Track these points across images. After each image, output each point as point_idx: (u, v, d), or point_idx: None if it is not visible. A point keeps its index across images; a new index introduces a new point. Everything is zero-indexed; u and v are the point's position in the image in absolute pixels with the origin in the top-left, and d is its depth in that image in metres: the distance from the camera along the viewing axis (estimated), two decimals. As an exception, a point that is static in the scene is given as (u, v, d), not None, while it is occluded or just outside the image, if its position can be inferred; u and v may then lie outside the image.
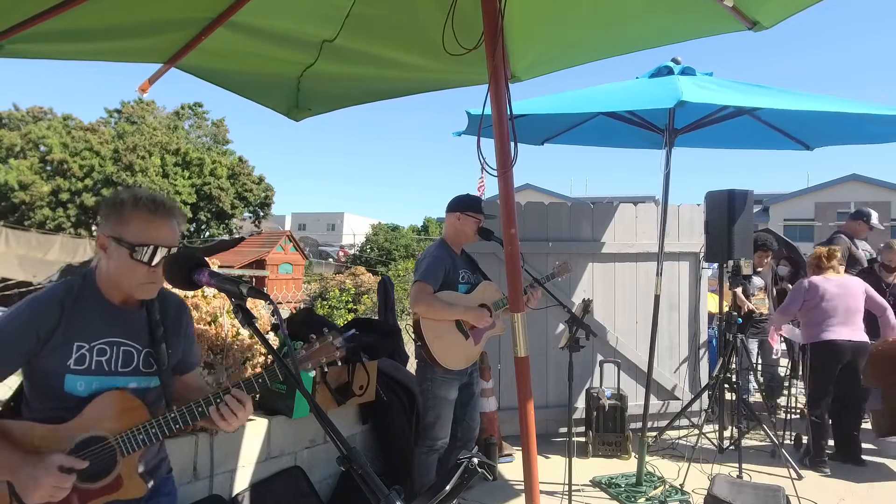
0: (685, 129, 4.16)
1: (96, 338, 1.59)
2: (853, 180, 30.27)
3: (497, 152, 2.12)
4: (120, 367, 1.63)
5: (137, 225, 1.57)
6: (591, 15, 2.44)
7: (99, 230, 1.63)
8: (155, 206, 1.60)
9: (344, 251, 27.79)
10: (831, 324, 4.44)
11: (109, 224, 1.59)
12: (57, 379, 1.55)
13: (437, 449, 3.22)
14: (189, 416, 1.58)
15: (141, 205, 1.58)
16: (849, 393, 4.47)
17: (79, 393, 1.56)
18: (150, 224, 1.58)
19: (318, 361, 1.67)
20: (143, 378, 1.67)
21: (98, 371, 1.59)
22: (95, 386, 1.58)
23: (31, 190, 22.92)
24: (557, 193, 35.50)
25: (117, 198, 1.63)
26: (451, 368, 3.16)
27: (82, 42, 2.29)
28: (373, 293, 9.84)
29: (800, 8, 2.11)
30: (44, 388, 1.57)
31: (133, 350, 1.65)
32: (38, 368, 1.56)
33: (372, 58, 2.70)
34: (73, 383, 1.56)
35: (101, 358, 1.59)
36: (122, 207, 1.59)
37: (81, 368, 1.57)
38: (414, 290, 3.15)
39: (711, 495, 3.31)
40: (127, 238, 1.55)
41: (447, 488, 1.58)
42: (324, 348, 1.67)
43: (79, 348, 1.56)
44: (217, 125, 31.10)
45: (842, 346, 4.40)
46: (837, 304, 4.46)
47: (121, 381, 1.62)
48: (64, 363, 1.55)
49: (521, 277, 2.21)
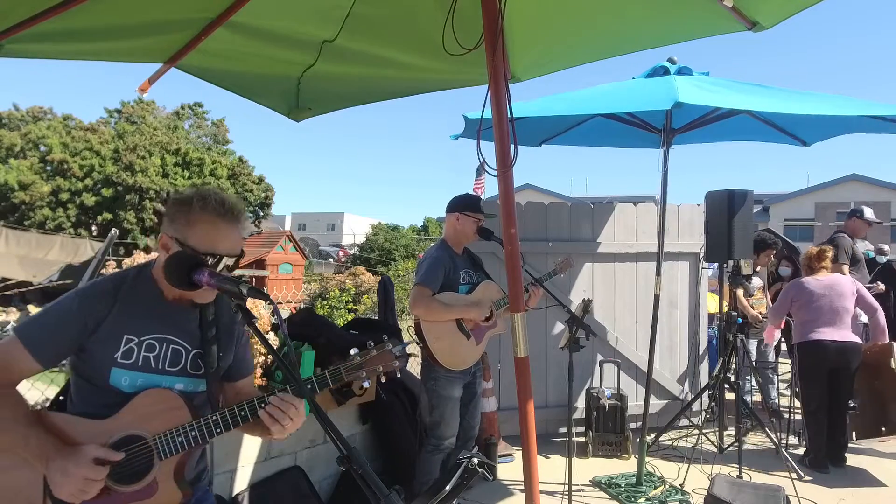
0: (682, 128, 4.17)
1: (146, 332, 1.55)
2: (853, 180, 30.27)
3: (497, 152, 2.12)
4: (167, 366, 1.57)
5: (203, 230, 1.51)
6: (591, 15, 2.44)
7: (163, 229, 1.57)
8: (224, 210, 1.53)
9: (344, 251, 27.77)
10: (818, 324, 4.48)
11: (175, 225, 1.53)
12: (103, 372, 1.51)
13: (443, 449, 3.22)
14: (231, 419, 1.50)
15: (209, 208, 1.52)
16: (832, 394, 4.48)
17: (123, 388, 1.52)
18: (217, 231, 1.52)
19: (374, 371, 1.54)
20: (190, 380, 1.61)
21: (145, 367, 1.54)
22: (140, 383, 1.53)
23: (31, 190, 22.89)
24: (557, 193, 35.50)
25: (184, 197, 1.56)
26: (453, 369, 3.16)
27: (82, 42, 2.29)
28: (373, 293, 9.84)
29: (799, 8, 2.11)
30: (89, 380, 1.53)
31: (182, 349, 1.59)
32: (85, 360, 1.52)
33: (372, 58, 2.70)
34: (119, 378, 1.52)
35: (149, 354, 1.54)
36: (189, 209, 1.52)
37: (128, 363, 1.52)
38: (413, 293, 3.16)
39: (711, 495, 3.31)
40: (191, 243, 1.50)
41: (447, 488, 1.58)
42: (382, 356, 1.54)
43: (127, 341, 1.52)
44: (217, 125, 31.08)
45: (826, 347, 4.41)
46: (824, 304, 4.49)
47: (167, 380, 1.57)
48: (111, 356, 1.51)
49: (521, 277, 2.21)
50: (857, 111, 3.63)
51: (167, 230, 1.55)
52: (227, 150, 30.19)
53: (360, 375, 1.54)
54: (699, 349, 5.38)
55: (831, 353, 4.41)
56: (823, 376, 4.45)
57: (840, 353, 4.41)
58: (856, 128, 4.37)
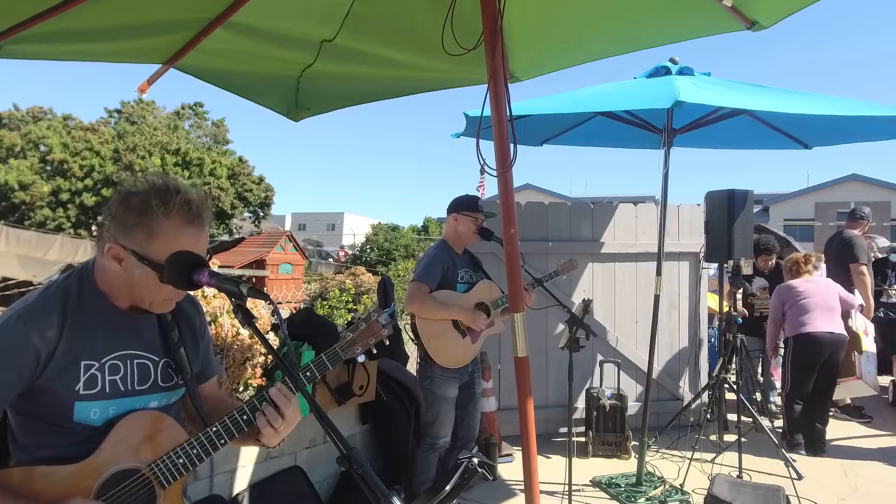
0: (683, 129, 4.16)
1: (106, 353, 1.35)
2: (853, 180, 30.28)
3: (497, 152, 2.12)
4: (136, 385, 1.39)
5: (169, 241, 1.30)
6: (590, 15, 2.44)
7: (111, 237, 1.32)
8: (190, 213, 1.32)
9: (344, 251, 27.79)
10: (812, 317, 4.60)
11: (131, 236, 1.30)
12: (63, 409, 1.29)
13: (437, 448, 3.23)
14: (234, 426, 1.38)
15: (173, 213, 1.30)
16: (820, 385, 4.64)
17: (93, 423, 1.32)
18: (185, 240, 1.32)
19: (366, 344, 1.59)
20: (163, 395, 1.45)
21: (113, 393, 1.35)
22: (112, 411, 1.34)
23: (31, 190, 22.91)
24: (557, 193, 35.51)
25: (140, 198, 1.30)
26: (448, 367, 3.17)
27: (81, 43, 2.29)
28: (373, 293, 9.84)
29: (798, 7, 2.11)
30: (45, 420, 1.30)
31: (149, 362, 1.42)
32: (38, 398, 1.28)
33: (371, 58, 2.70)
34: (86, 412, 1.31)
35: (114, 377, 1.35)
36: (149, 217, 1.29)
37: (93, 392, 1.31)
38: (409, 288, 3.17)
39: (711, 495, 3.31)
40: (154, 257, 1.29)
41: (447, 488, 1.58)
42: (370, 328, 1.60)
43: (87, 368, 1.31)
44: (217, 125, 31.10)
45: (821, 339, 4.55)
46: (817, 300, 4.65)
47: (139, 400, 1.39)
48: (72, 389, 1.29)
49: (520, 277, 2.21)
50: (860, 112, 3.62)
51: (119, 239, 1.31)
52: (227, 150, 30.21)
53: (354, 351, 1.57)
54: (699, 349, 5.37)
55: (826, 345, 4.55)
56: (814, 368, 4.59)
57: (834, 346, 4.56)
58: (858, 137, 4.39)
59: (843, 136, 4.52)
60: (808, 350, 4.60)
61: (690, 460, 4.02)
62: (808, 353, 4.60)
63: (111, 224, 1.33)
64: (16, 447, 1.33)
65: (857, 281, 5.42)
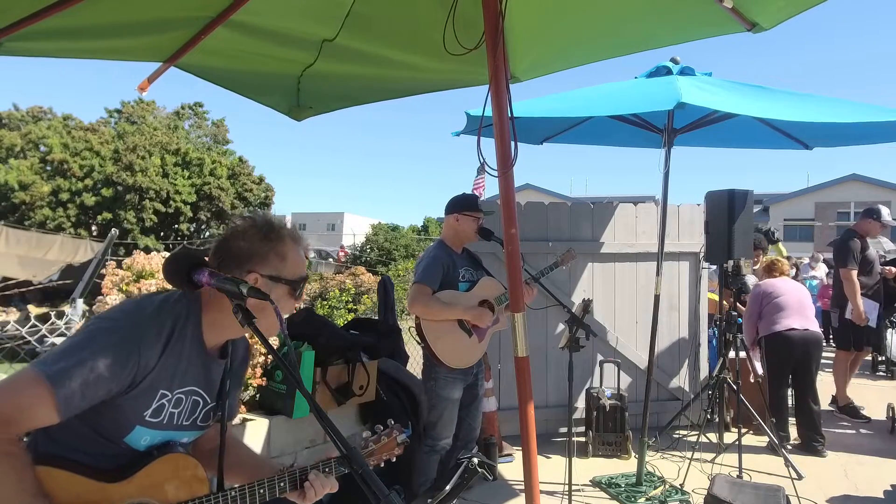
0: (684, 128, 4.16)
1: (179, 386, 1.40)
2: (853, 180, 30.28)
3: (497, 152, 2.12)
4: (184, 421, 1.45)
5: (293, 259, 1.47)
6: (591, 16, 2.44)
7: (250, 266, 1.42)
8: (295, 234, 1.51)
9: (343, 251, 27.76)
10: (785, 315, 4.67)
11: (269, 263, 1.44)
12: (123, 429, 1.33)
13: (438, 449, 3.22)
14: (258, 496, 1.42)
15: (286, 238, 1.47)
16: (799, 387, 4.70)
17: (137, 447, 1.38)
18: (300, 256, 1.49)
19: (380, 459, 1.64)
20: (195, 432, 1.52)
21: (168, 425, 1.40)
22: (158, 440, 1.41)
23: (31, 190, 22.90)
24: (557, 193, 35.53)
25: (272, 230, 1.46)
26: (455, 367, 3.16)
27: (81, 40, 2.29)
28: (373, 293, 9.82)
29: (799, 10, 2.11)
30: (97, 430, 1.32)
31: (201, 401, 1.49)
32: (104, 410, 1.29)
33: (372, 57, 2.70)
34: (139, 436, 1.36)
35: (175, 409, 1.41)
36: (280, 243, 1.45)
37: (155, 421, 1.37)
38: (411, 291, 3.15)
39: (711, 495, 3.31)
40: (285, 275, 1.45)
41: (447, 488, 1.59)
42: (388, 444, 1.65)
43: (161, 397, 1.36)
44: (217, 125, 31.10)
45: (793, 337, 4.59)
46: (791, 298, 4.73)
47: (177, 434, 1.46)
48: (140, 413, 1.34)
49: (521, 277, 2.21)
50: (861, 118, 3.60)
51: (259, 269, 1.43)
52: (227, 150, 30.22)
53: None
54: (699, 349, 5.37)
55: (798, 342, 4.59)
56: (787, 366, 4.67)
57: (806, 343, 4.60)
58: (859, 139, 4.39)
59: (844, 138, 4.53)
60: (778, 349, 4.67)
61: (690, 460, 4.02)
62: (779, 351, 4.67)
63: (231, 260, 1.43)
64: (45, 435, 1.32)
65: (844, 285, 5.44)
